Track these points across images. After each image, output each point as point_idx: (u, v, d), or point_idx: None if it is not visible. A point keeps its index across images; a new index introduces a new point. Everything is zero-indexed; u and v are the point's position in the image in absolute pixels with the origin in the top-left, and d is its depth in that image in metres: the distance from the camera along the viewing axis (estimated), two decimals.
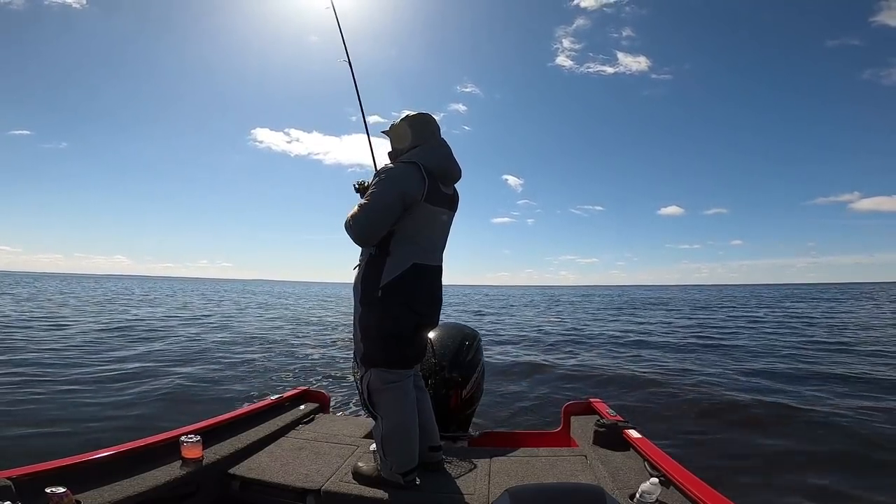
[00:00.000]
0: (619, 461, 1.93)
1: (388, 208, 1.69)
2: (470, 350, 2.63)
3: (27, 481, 1.40)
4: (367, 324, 1.77)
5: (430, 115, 1.92)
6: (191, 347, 8.49)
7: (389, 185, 1.70)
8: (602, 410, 2.52)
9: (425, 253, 1.81)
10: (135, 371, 6.15)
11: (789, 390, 5.41)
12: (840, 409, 4.55)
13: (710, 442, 3.80)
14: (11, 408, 4.25)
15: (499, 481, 1.81)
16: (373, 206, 1.69)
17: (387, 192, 1.69)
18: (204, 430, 2.05)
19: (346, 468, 1.91)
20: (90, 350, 7.62)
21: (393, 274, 1.72)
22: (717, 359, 7.68)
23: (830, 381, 5.83)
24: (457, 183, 1.96)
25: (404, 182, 1.71)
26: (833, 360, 7.35)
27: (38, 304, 18.17)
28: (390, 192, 1.69)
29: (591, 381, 6.13)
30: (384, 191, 1.70)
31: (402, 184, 1.71)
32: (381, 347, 1.75)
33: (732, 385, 5.72)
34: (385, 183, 1.71)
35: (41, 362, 6.41)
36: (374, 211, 1.69)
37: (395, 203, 1.70)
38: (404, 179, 1.71)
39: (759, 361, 7.31)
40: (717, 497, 1.47)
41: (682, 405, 4.87)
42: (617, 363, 7.40)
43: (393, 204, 1.69)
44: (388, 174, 1.74)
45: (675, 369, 6.76)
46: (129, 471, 1.67)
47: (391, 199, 1.69)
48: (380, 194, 1.70)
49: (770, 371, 6.52)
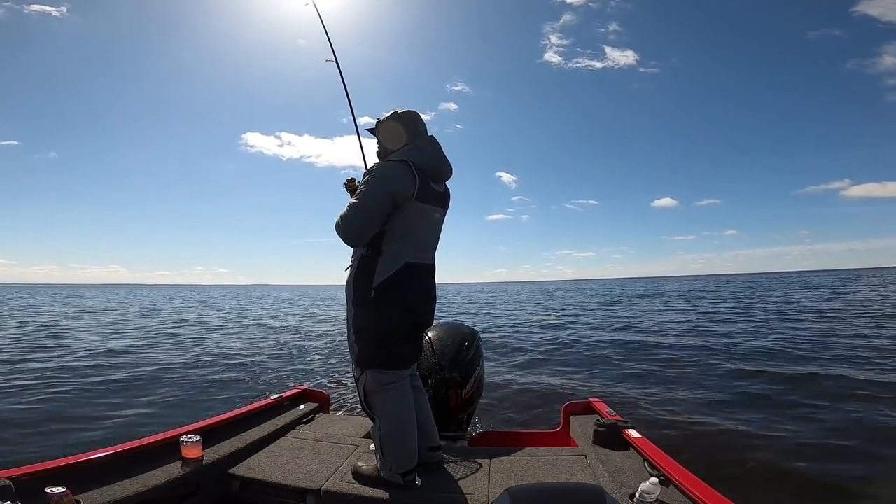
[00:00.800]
0: (618, 461, 1.93)
1: (378, 208, 1.67)
2: (470, 349, 2.63)
3: (27, 481, 1.40)
4: (360, 325, 1.76)
5: (416, 112, 1.90)
6: (190, 348, 8.49)
7: (379, 185, 1.68)
8: (602, 410, 2.52)
9: (417, 251, 1.79)
10: (135, 372, 6.15)
11: (788, 386, 5.40)
12: (844, 404, 4.55)
13: (710, 441, 3.79)
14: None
15: (499, 481, 1.81)
16: (362, 205, 1.67)
17: (377, 192, 1.67)
18: (204, 430, 2.05)
19: (346, 468, 1.91)
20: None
21: (385, 274, 1.71)
22: (714, 354, 7.67)
23: (832, 376, 5.83)
24: (448, 180, 1.93)
25: (394, 181, 1.69)
26: (832, 353, 7.35)
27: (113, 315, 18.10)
28: (380, 192, 1.67)
29: (591, 381, 6.13)
30: (374, 190, 1.68)
31: (393, 183, 1.68)
32: (376, 348, 1.74)
33: (732, 384, 5.71)
34: (375, 182, 1.69)
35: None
36: (364, 211, 1.67)
37: (386, 202, 1.68)
38: (394, 178, 1.69)
39: (758, 356, 7.31)
40: (716, 497, 1.47)
41: (682, 405, 4.87)
42: (617, 363, 7.40)
43: (383, 203, 1.67)
44: (377, 173, 1.72)
45: (674, 368, 6.75)
46: (129, 471, 1.67)
47: (381, 198, 1.67)
48: (369, 193, 1.68)
49: (767, 368, 6.52)
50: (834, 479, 3.02)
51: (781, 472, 3.18)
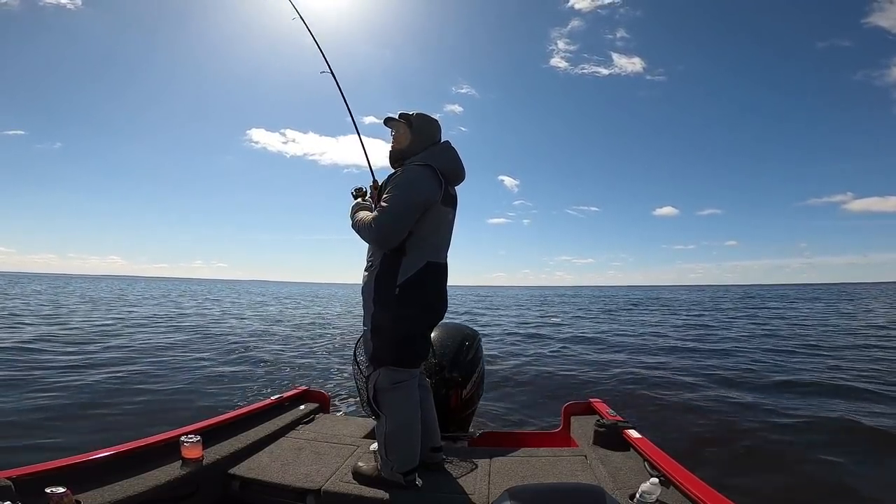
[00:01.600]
0: (618, 461, 1.93)
1: (411, 212, 1.71)
2: (470, 350, 2.63)
3: (27, 481, 1.40)
4: (380, 323, 1.78)
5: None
6: (189, 347, 8.49)
7: (413, 188, 1.72)
8: (602, 410, 2.52)
9: (437, 251, 1.84)
10: (137, 371, 6.15)
11: (784, 391, 5.40)
12: (843, 406, 4.55)
13: (710, 441, 3.79)
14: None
15: (499, 481, 1.81)
16: (397, 208, 1.70)
17: (410, 196, 1.71)
18: (204, 430, 2.05)
19: (346, 468, 1.91)
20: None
21: (409, 272, 1.74)
22: (713, 359, 7.68)
23: (825, 383, 5.83)
24: (461, 184, 1.98)
25: (426, 185, 1.73)
26: (826, 363, 7.35)
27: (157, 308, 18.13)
28: (414, 195, 1.71)
29: (591, 382, 6.12)
30: (407, 194, 1.71)
31: (425, 187, 1.73)
32: (393, 346, 1.76)
33: (731, 384, 5.71)
34: (407, 186, 1.73)
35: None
36: (399, 213, 1.70)
37: (419, 206, 1.72)
38: (425, 183, 1.74)
39: (754, 361, 7.31)
40: (716, 497, 1.47)
41: (682, 404, 4.87)
42: (617, 363, 7.40)
43: (416, 207, 1.72)
44: (408, 177, 1.75)
45: (673, 369, 6.76)
46: (129, 471, 1.67)
47: (417, 201, 1.71)
48: (403, 196, 1.71)
49: (764, 371, 6.52)
50: (834, 479, 3.02)
51: (782, 472, 3.18)
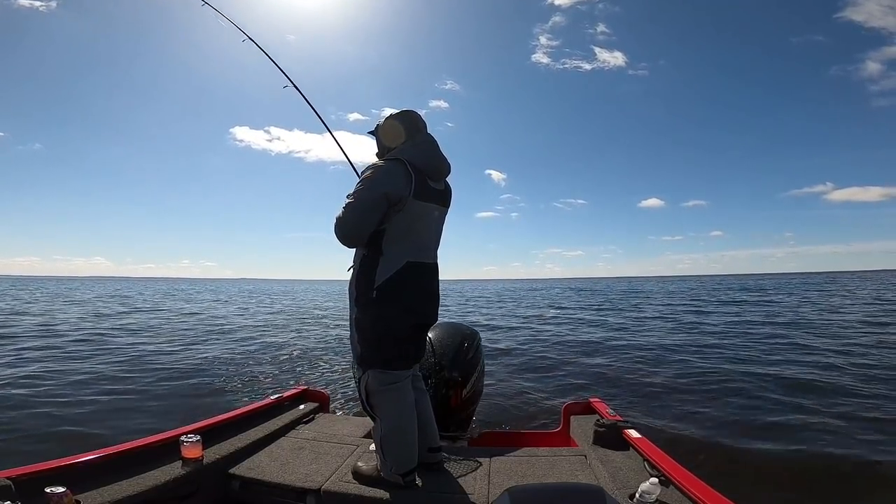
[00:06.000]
0: (618, 461, 1.93)
1: (372, 207, 1.68)
2: (470, 349, 2.63)
3: (27, 481, 1.40)
4: (362, 325, 1.76)
5: (415, 111, 1.90)
6: (186, 346, 8.49)
7: (373, 184, 1.69)
8: (602, 410, 2.52)
9: (419, 251, 1.79)
10: (135, 369, 6.15)
11: (783, 390, 5.40)
12: (843, 409, 4.55)
13: (710, 441, 3.79)
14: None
15: (499, 481, 1.81)
16: (356, 205, 1.68)
17: (371, 191, 1.68)
18: (204, 430, 2.05)
19: (346, 468, 1.91)
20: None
21: (387, 274, 1.71)
22: (712, 356, 7.68)
23: (825, 383, 5.82)
24: (447, 177, 1.93)
25: (388, 180, 1.69)
26: (828, 358, 7.35)
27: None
28: (374, 191, 1.68)
29: (591, 381, 6.12)
30: (367, 189, 1.68)
31: (386, 182, 1.69)
32: (378, 348, 1.74)
33: (731, 383, 5.71)
34: (369, 181, 1.70)
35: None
36: (358, 210, 1.68)
37: (380, 201, 1.68)
38: (388, 177, 1.70)
39: (753, 358, 7.31)
40: (716, 497, 1.47)
41: (682, 404, 4.87)
42: (616, 362, 7.39)
43: (377, 202, 1.68)
44: (372, 172, 1.72)
45: (673, 368, 6.75)
46: (129, 471, 1.67)
47: (375, 197, 1.67)
48: (363, 193, 1.68)
49: (764, 369, 6.52)
50: (834, 479, 3.02)
51: (782, 473, 3.18)
